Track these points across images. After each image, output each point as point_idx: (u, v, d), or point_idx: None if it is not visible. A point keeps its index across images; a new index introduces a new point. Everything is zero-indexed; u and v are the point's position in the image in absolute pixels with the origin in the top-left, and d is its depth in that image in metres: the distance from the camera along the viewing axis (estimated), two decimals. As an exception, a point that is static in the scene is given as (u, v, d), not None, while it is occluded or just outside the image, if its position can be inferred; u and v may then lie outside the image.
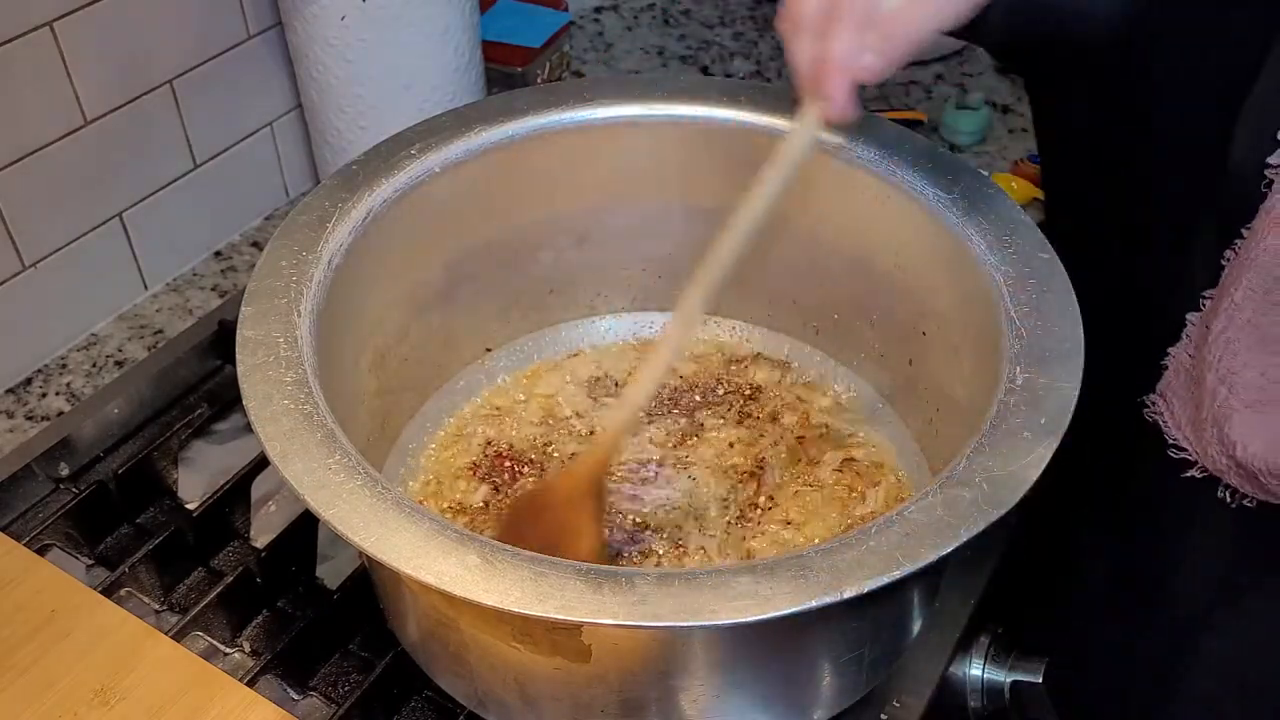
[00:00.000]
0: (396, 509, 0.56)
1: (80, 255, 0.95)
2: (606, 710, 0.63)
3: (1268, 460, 0.66)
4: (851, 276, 0.82)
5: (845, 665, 0.66)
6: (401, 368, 0.81)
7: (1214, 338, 0.68)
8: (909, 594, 0.68)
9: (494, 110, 0.81)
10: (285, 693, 0.73)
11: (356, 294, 0.73)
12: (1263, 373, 0.67)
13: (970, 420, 0.63)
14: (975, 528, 0.55)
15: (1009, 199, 0.74)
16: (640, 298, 0.92)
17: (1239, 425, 0.67)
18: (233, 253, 1.08)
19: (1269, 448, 0.66)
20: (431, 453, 0.84)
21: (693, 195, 0.86)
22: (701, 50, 1.34)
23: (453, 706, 0.71)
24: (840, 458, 0.82)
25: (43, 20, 0.86)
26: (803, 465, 0.82)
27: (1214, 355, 0.68)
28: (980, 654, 0.79)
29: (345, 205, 0.73)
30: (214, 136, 1.03)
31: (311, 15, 0.96)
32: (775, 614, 0.52)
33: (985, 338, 0.67)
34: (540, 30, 1.19)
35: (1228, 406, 0.67)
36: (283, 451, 0.59)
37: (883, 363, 0.84)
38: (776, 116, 0.80)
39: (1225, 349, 0.68)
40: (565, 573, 0.54)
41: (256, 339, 0.65)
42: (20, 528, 0.82)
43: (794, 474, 0.81)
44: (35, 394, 0.94)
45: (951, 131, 1.16)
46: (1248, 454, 0.67)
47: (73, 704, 0.68)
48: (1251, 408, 0.67)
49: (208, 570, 0.82)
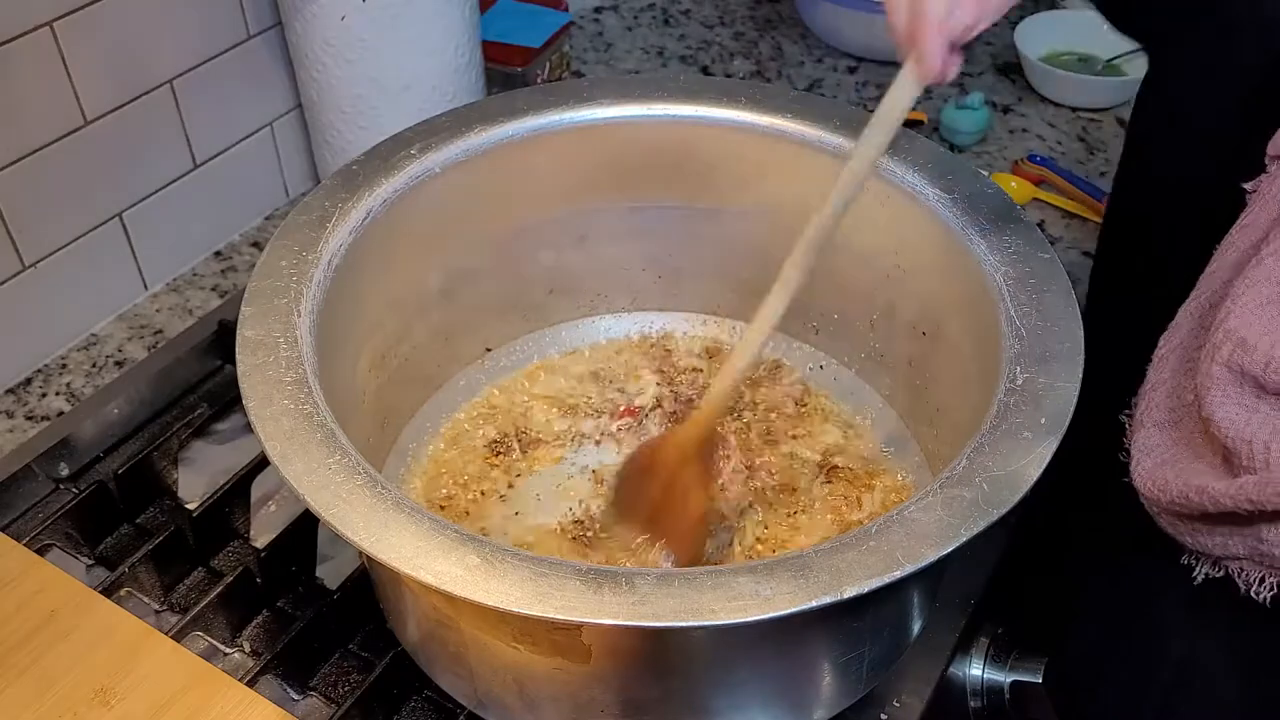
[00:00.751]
0: (396, 509, 0.56)
1: (80, 255, 0.95)
2: (606, 710, 0.63)
3: (1145, 484, 0.65)
4: (851, 276, 0.82)
5: (845, 665, 0.66)
6: (401, 368, 0.81)
7: (1156, 351, 0.69)
8: (909, 594, 0.68)
9: (494, 110, 0.81)
10: (285, 693, 0.73)
11: (356, 294, 0.73)
12: (1175, 393, 0.66)
13: (970, 420, 0.63)
14: (975, 528, 0.55)
15: (1009, 199, 0.74)
16: (640, 298, 0.92)
17: (1139, 442, 0.67)
18: (233, 253, 1.08)
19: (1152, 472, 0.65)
20: (431, 453, 0.84)
21: (693, 195, 0.86)
22: (701, 50, 1.34)
23: (453, 706, 0.71)
24: (838, 458, 0.82)
25: (43, 20, 0.86)
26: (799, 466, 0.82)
27: (1152, 370, 0.69)
28: (980, 654, 0.79)
29: (345, 205, 0.73)
30: (214, 136, 1.03)
31: (311, 15, 0.96)
32: (775, 614, 0.52)
33: (985, 338, 0.67)
34: (540, 30, 1.19)
35: (1139, 422, 0.67)
36: (283, 451, 0.59)
37: (883, 363, 0.84)
38: (777, 116, 0.80)
39: (1157, 364, 0.68)
40: (565, 573, 0.54)
41: (256, 339, 0.65)
42: (20, 528, 0.82)
43: (791, 475, 0.81)
44: (35, 394, 0.94)
45: (951, 131, 1.16)
46: (1137, 470, 0.66)
47: (73, 704, 0.68)
48: (1158, 428, 0.67)
49: (208, 570, 0.82)
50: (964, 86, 1.24)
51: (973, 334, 0.71)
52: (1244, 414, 0.59)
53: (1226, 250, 0.67)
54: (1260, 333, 0.59)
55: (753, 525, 0.77)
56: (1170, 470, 0.65)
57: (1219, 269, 0.67)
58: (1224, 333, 0.60)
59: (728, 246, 0.88)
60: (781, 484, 0.80)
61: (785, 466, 0.82)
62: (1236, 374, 0.59)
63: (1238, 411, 0.59)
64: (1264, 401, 0.59)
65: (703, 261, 0.90)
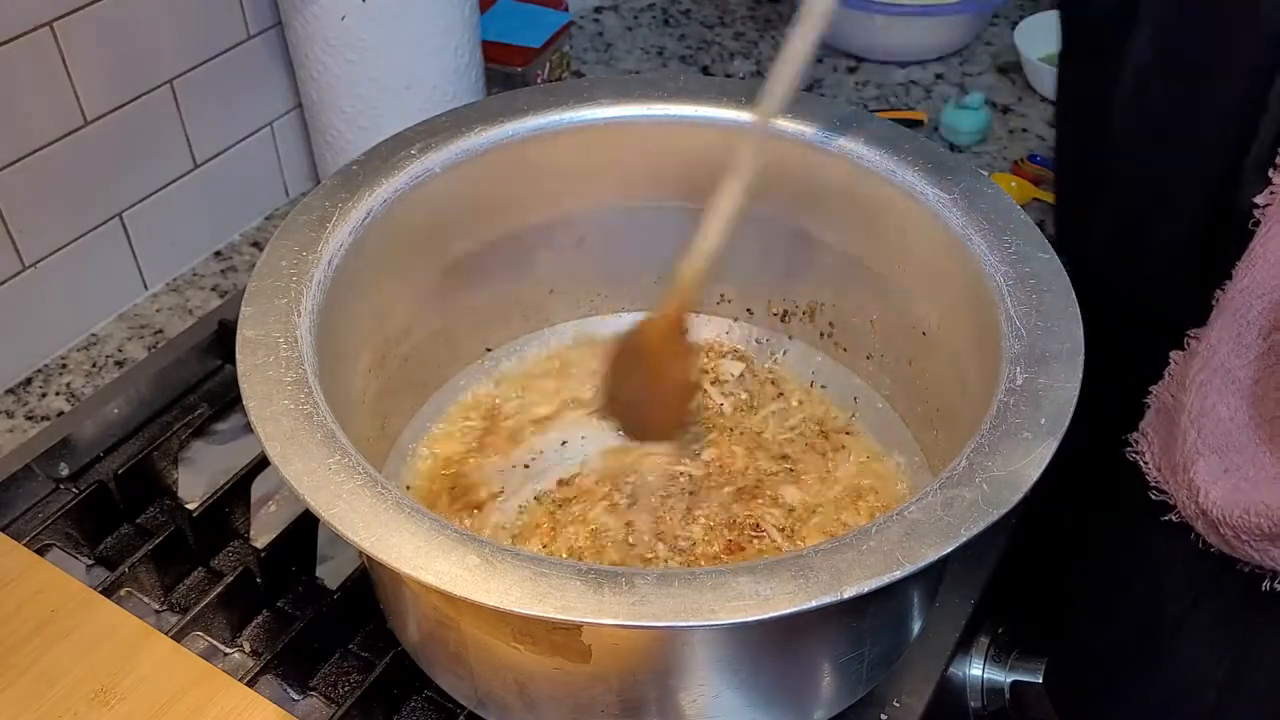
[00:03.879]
0: (396, 509, 0.56)
1: (80, 255, 0.95)
2: (606, 710, 0.63)
3: (1223, 510, 0.65)
4: (851, 276, 0.82)
5: (845, 665, 0.66)
6: (401, 368, 0.81)
7: (1190, 378, 0.68)
8: (909, 594, 0.68)
9: (494, 110, 0.81)
10: (285, 693, 0.73)
11: (356, 294, 0.73)
12: (1230, 417, 0.66)
13: (970, 420, 0.63)
14: (975, 528, 0.55)
15: (1009, 199, 0.74)
16: (640, 298, 0.92)
17: (1203, 470, 0.67)
18: (233, 253, 1.08)
19: (1227, 496, 0.65)
20: (431, 453, 0.84)
21: (693, 195, 0.85)
22: (701, 50, 1.34)
23: (453, 706, 0.71)
24: (838, 459, 0.82)
25: (43, 20, 0.86)
26: (798, 466, 0.82)
27: (1188, 397, 0.68)
28: (980, 654, 0.79)
29: (345, 205, 0.73)
30: (214, 136, 1.03)
31: (311, 15, 0.96)
32: (775, 614, 0.52)
33: (985, 338, 0.67)
34: (540, 30, 1.19)
35: (1195, 450, 0.67)
36: (283, 451, 0.59)
37: (883, 363, 0.84)
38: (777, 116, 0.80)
39: (1198, 391, 0.68)
40: (565, 573, 0.54)
41: (256, 339, 0.65)
42: (20, 528, 0.82)
43: (790, 475, 0.81)
44: (35, 394, 0.94)
45: (951, 131, 1.16)
46: (1208, 500, 0.66)
47: (73, 704, 0.68)
48: (1217, 453, 0.67)
49: (208, 570, 0.82)
50: (964, 87, 1.24)
51: (973, 334, 0.71)
52: None
53: (1256, 265, 0.66)
54: None
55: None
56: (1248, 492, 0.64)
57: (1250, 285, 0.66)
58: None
59: (727, 246, 0.88)
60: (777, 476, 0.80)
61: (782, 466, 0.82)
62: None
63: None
64: None
65: (703, 261, 0.90)
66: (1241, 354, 0.66)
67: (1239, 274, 0.66)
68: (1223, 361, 0.67)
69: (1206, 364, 0.68)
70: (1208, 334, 0.67)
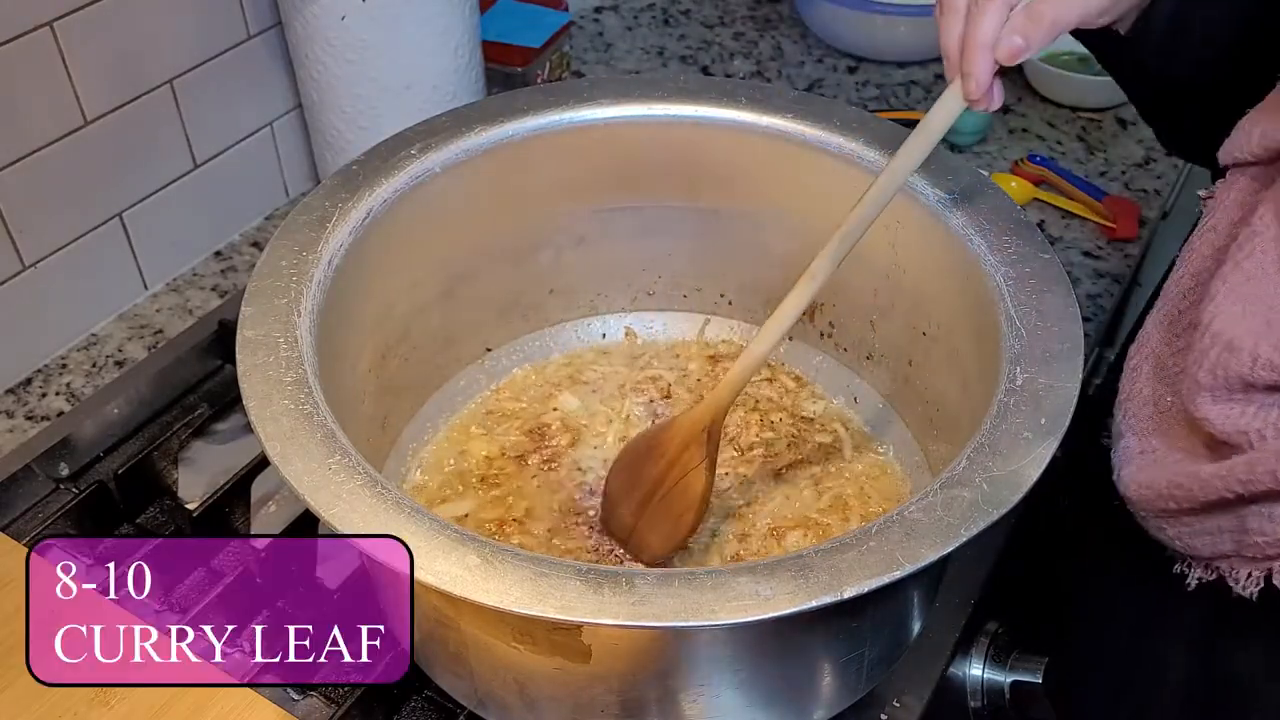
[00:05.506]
0: (396, 509, 0.56)
1: (80, 255, 0.95)
2: (606, 710, 0.63)
3: (1126, 486, 0.67)
4: (851, 276, 0.82)
5: (845, 665, 0.66)
6: (401, 368, 0.81)
7: (1127, 363, 0.70)
8: (909, 594, 0.68)
9: (494, 110, 0.81)
10: (285, 693, 0.73)
11: (356, 294, 0.73)
12: (1152, 400, 0.68)
13: (970, 420, 0.63)
14: (975, 528, 0.55)
15: (1009, 199, 0.74)
16: (640, 298, 0.92)
17: (1121, 450, 0.68)
18: (233, 253, 1.08)
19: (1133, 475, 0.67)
20: (431, 453, 0.84)
21: (693, 195, 0.86)
22: (701, 50, 1.34)
23: (453, 706, 0.71)
24: (836, 460, 0.82)
25: (43, 20, 0.86)
26: (799, 466, 0.82)
27: (1123, 380, 0.70)
28: (980, 654, 0.79)
29: (345, 205, 0.73)
30: (214, 136, 1.03)
31: (311, 15, 0.96)
32: (775, 614, 0.52)
33: (985, 338, 0.67)
34: (540, 30, 1.19)
35: (1119, 432, 0.69)
36: (283, 451, 0.59)
37: (883, 363, 0.84)
38: (777, 117, 0.80)
39: (1130, 375, 0.70)
40: (565, 573, 0.54)
41: (256, 339, 0.65)
42: (20, 528, 0.82)
43: (790, 474, 0.81)
44: (35, 394, 0.94)
45: (951, 131, 1.15)
46: (1119, 479, 0.67)
47: (73, 704, 0.68)
48: (1137, 434, 0.68)
49: (208, 570, 0.81)
50: (964, 86, 1.24)
51: (972, 334, 0.71)
52: (1237, 409, 0.61)
53: (1189, 257, 0.69)
54: (1245, 333, 0.60)
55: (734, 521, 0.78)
56: (1156, 470, 0.66)
57: (1183, 276, 0.69)
58: (1211, 336, 0.62)
59: (728, 246, 0.88)
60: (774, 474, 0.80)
61: (782, 466, 0.82)
62: (1224, 374, 0.61)
63: (1230, 408, 0.61)
64: (1253, 396, 0.61)
65: (703, 262, 0.90)
66: (1171, 342, 0.68)
67: (1179, 263, 0.68)
68: (1154, 348, 0.69)
69: (1140, 349, 0.70)
70: (1147, 321, 0.69)
